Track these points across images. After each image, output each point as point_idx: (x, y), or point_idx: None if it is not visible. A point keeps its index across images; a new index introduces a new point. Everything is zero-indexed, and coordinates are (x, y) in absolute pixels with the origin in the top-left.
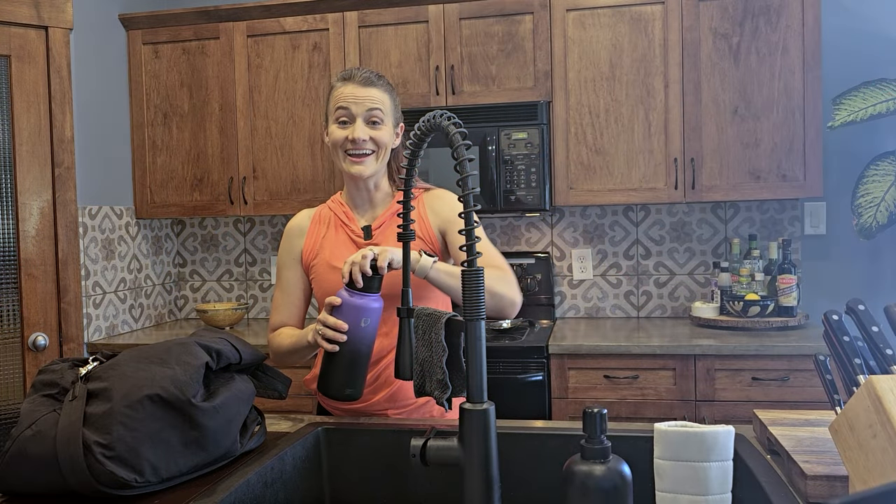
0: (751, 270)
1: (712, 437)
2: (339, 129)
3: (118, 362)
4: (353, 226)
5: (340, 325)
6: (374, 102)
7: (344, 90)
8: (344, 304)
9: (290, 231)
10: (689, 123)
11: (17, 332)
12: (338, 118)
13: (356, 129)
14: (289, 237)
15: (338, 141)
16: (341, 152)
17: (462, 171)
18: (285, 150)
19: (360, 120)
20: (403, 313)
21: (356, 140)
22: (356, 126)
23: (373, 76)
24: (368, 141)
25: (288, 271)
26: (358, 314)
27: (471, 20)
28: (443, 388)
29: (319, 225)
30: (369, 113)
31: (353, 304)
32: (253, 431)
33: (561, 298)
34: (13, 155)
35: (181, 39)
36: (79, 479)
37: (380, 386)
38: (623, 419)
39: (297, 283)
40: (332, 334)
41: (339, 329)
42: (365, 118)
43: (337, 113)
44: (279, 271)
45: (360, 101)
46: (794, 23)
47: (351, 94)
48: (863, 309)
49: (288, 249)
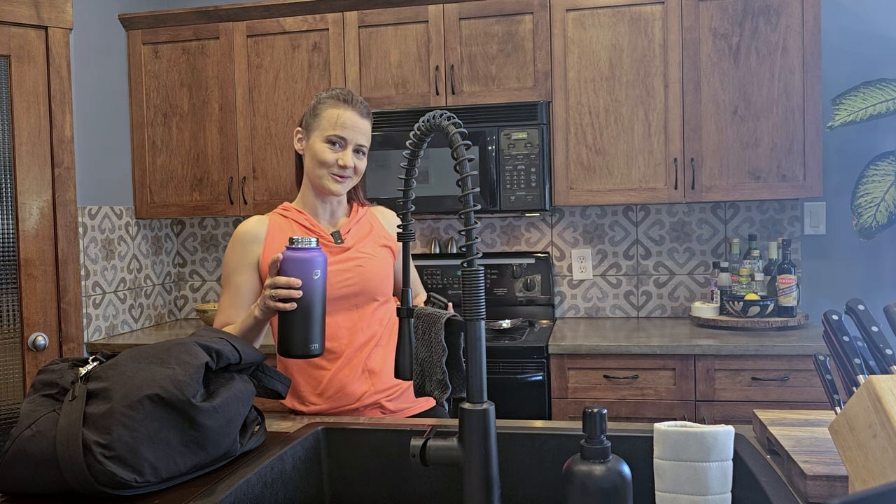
0: (750, 270)
1: (712, 437)
2: (329, 151)
3: (118, 362)
4: (320, 231)
5: (293, 281)
6: (365, 137)
7: (345, 115)
8: (291, 261)
9: (243, 237)
10: (689, 123)
11: (16, 332)
12: (329, 139)
13: (346, 157)
14: (241, 243)
15: (326, 161)
16: (325, 171)
17: (462, 171)
18: (285, 150)
19: (349, 149)
20: (403, 313)
21: (345, 167)
22: (347, 154)
23: (367, 109)
24: (351, 169)
25: (240, 276)
26: (307, 267)
27: (471, 20)
28: (443, 388)
29: (279, 232)
30: (359, 145)
31: (301, 258)
32: (253, 431)
33: (561, 298)
34: (13, 155)
35: (181, 39)
36: (78, 479)
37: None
38: (623, 419)
39: (249, 289)
40: (285, 293)
41: (292, 286)
42: (354, 148)
43: (330, 135)
44: (228, 277)
45: (357, 131)
46: (794, 23)
47: (351, 122)
48: (862, 309)
49: (241, 256)
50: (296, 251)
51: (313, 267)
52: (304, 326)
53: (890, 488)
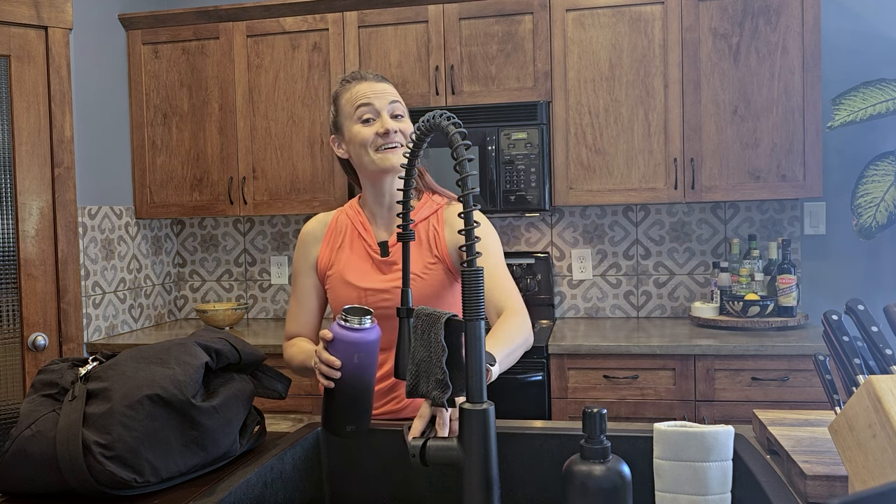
0: (750, 270)
1: (712, 437)
2: (365, 127)
3: (118, 362)
4: (370, 240)
5: (333, 361)
6: (394, 95)
7: (360, 88)
8: (336, 339)
9: (305, 238)
10: (689, 123)
11: (16, 332)
12: (360, 116)
13: (385, 122)
14: (304, 244)
15: (367, 139)
16: (371, 150)
17: (461, 171)
18: (285, 150)
19: (385, 113)
20: (403, 313)
21: (388, 132)
22: (383, 119)
23: (381, 75)
24: (398, 133)
25: (304, 279)
26: (349, 350)
27: (470, 20)
28: (443, 389)
29: (336, 234)
30: (392, 106)
31: (344, 339)
32: (253, 431)
33: (561, 298)
34: (13, 155)
35: (181, 39)
36: (78, 479)
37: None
38: (623, 419)
39: (312, 291)
40: (325, 370)
41: (332, 365)
42: (389, 111)
43: (359, 111)
44: (295, 278)
45: (381, 94)
46: (794, 23)
47: (370, 90)
48: (862, 309)
49: (303, 257)
50: (342, 329)
51: (355, 350)
52: (341, 407)
53: (890, 488)
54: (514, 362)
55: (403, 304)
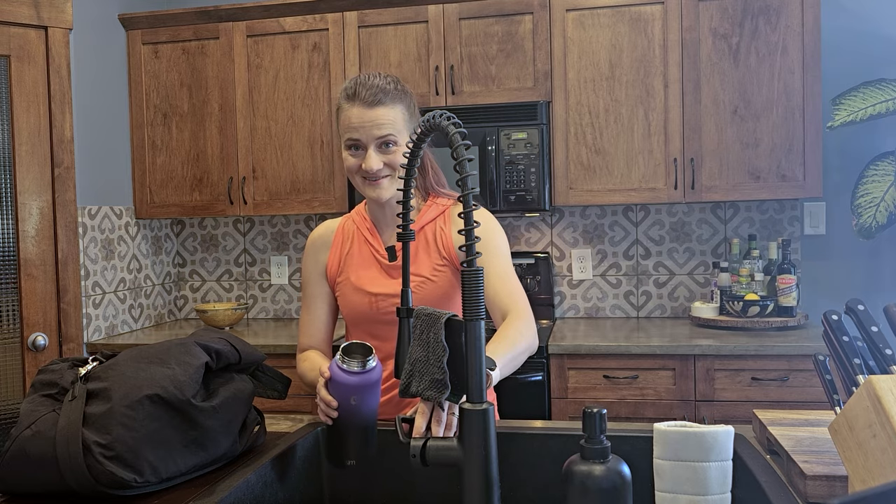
0: (750, 270)
1: (712, 437)
2: (351, 157)
3: (118, 362)
4: (377, 245)
5: (330, 401)
6: (382, 127)
7: (350, 113)
8: (333, 380)
9: (313, 244)
10: (689, 123)
11: (16, 332)
12: (348, 145)
13: (368, 160)
14: (313, 251)
15: (351, 168)
16: (357, 178)
17: (461, 171)
18: (285, 150)
19: (371, 149)
20: (403, 313)
21: (369, 171)
22: (368, 156)
23: (380, 92)
24: (383, 168)
25: (314, 287)
26: (347, 392)
27: (470, 20)
28: (440, 388)
29: (344, 239)
30: (379, 140)
31: (340, 381)
32: (253, 431)
33: (560, 298)
34: (13, 155)
35: (181, 39)
36: (78, 479)
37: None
38: (623, 419)
39: (322, 299)
40: (324, 408)
41: (329, 405)
42: (376, 145)
43: (346, 141)
44: (304, 288)
45: (368, 126)
46: (794, 23)
47: (358, 120)
48: (862, 309)
49: (313, 263)
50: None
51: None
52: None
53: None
54: (516, 367)
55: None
